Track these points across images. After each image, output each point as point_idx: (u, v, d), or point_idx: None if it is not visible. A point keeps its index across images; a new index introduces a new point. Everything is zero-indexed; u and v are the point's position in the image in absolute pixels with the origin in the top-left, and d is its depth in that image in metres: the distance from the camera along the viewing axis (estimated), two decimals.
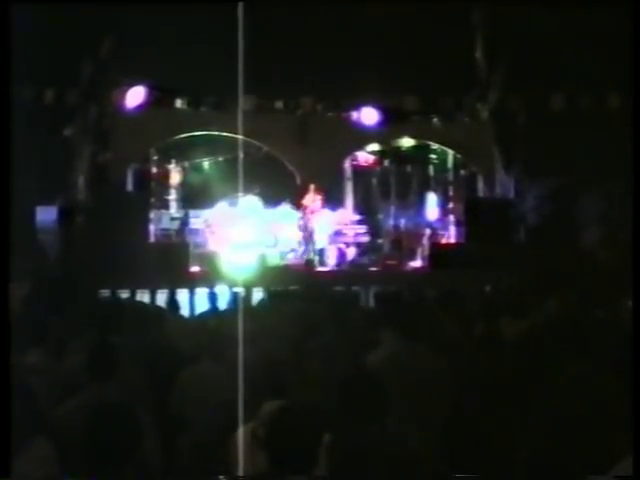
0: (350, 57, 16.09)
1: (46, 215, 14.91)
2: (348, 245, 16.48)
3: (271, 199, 16.56)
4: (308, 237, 16.03)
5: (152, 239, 15.85)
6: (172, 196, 17.92)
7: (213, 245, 16.06)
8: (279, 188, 17.12)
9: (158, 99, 17.15)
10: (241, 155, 18.14)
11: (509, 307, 7.49)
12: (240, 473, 4.07)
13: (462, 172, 18.77)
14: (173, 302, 8.94)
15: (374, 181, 18.93)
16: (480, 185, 18.26)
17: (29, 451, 3.56)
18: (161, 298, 11.20)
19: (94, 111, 16.27)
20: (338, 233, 16.46)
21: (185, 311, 10.11)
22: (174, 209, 17.56)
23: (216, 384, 5.43)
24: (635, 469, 2.97)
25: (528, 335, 5.99)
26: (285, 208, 16.52)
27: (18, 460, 3.48)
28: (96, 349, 5.01)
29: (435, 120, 18.02)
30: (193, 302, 12.63)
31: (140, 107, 16.83)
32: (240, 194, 16.26)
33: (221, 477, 4.24)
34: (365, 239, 16.81)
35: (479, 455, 3.23)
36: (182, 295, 11.81)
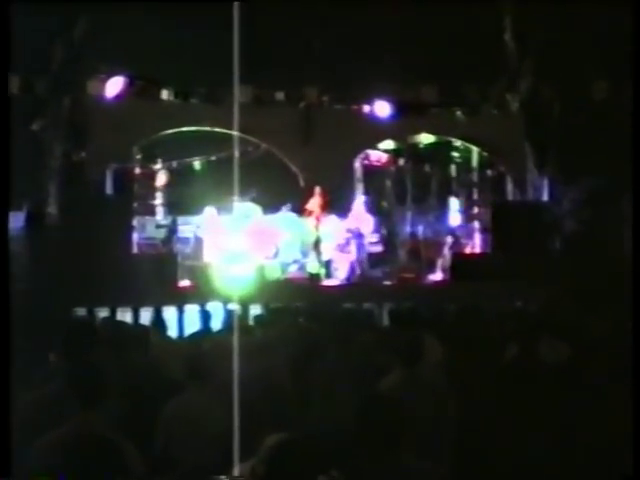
0: (360, 41, 16.12)
1: (12, 222, 14.94)
2: (359, 256, 16.48)
3: (271, 204, 16.58)
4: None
5: (135, 250, 15.89)
6: (158, 200, 17.95)
7: (205, 256, 16.09)
8: (280, 191, 17.16)
9: (141, 89, 17.19)
10: (237, 154, 18.21)
11: (543, 325, 7.48)
12: None
13: (488, 172, 18.81)
14: (159, 321, 8.97)
15: (388, 183, 18.96)
16: (509, 187, 18.30)
17: None
18: (146, 317, 11.23)
19: (66, 102, 16.27)
20: (347, 242, 16.46)
21: (173, 331, 10.14)
22: (160, 215, 17.60)
23: (208, 415, 5.45)
24: (635, 469, 3.03)
25: (567, 357, 6.00)
26: (286, 214, 16.54)
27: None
28: (70, 376, 5.02)
29: (458, 113, 18.08)
30: (182, 321, 12.68)
31: (120, 98, 16.86)
32: (235, 198, 16.31)
33: None
34: (378, 249, 16.81)
35: None
36: (170, 313, 11.85)
